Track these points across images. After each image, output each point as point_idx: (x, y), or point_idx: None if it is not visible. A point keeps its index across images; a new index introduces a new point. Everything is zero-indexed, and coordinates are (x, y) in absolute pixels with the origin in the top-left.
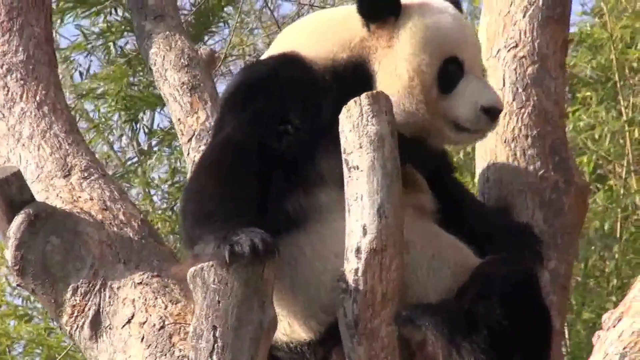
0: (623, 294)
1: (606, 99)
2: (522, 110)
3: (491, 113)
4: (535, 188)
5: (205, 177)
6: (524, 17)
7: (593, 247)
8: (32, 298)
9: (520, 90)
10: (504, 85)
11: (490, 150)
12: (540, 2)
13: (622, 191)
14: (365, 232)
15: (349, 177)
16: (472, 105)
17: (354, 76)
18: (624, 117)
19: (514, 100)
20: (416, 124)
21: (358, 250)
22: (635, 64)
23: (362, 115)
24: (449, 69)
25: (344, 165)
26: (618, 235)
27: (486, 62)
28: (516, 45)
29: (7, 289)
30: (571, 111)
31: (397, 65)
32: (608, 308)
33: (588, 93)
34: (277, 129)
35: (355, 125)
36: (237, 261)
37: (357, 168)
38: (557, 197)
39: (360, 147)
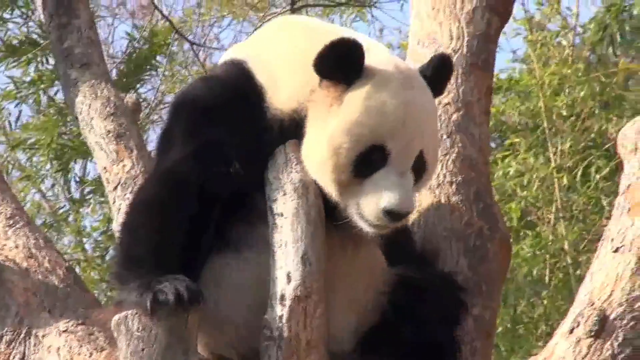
0: None
1: (535, 145)
2: (447, 156)
3: (392, 215)
4: (459, 234)
5: (140, 216)
6: None
7: (522, 293)
8: None
9: (444, 136)
10: None
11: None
12: (465, 49)
13: (550, 237)
14: (289, 279)
15: (274, 224)
16: (375, 202)
17: (295, 132)
18: (553, 164)
19: (438, 147)
20: (328, 194)
21: (282, 298)
22: (563, 111)
23: (287, 162)
24: (372, 157)
25: (269, 212)
26: (547, 282)
27: None
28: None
29: None
30: (500, 157)
31: (323, 135)
32: (537, 354)
33: (517, 139)
34: (221, 168)
35: (279, 172)
36: (160, 309)
37: (282, 215)
38: (482, 244)
39: (285, 194)
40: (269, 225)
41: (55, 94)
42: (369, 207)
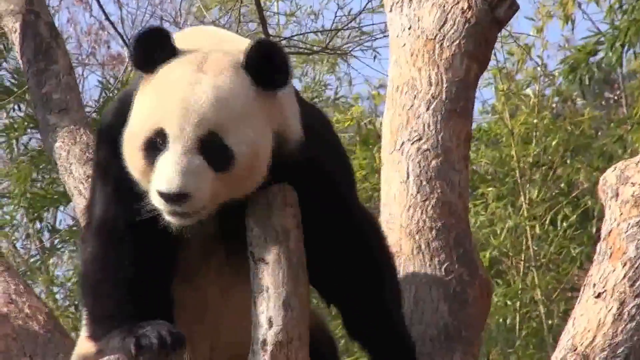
0: None
1: (507, 194)
2: (427, 202)
3: (165, 198)
4: (439, 280)
5: (92, 274)
6: (427, 110)
7: (494, 342)
8: None
9: (424, 183)
10: (408, 178)
11: (395, 242)
12: (444, 96)
13: (520, 286)
14: (271, 325)
15: (255, 269)
16: (153, 187)
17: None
18: (524, 213)
19: (418, 192)
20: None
21: (264, 343)
22: (530, 159)
23: (267, 208)
24: (156, 141)
25: (250, 258)
26: (519, 331)
27: (390, 156)
28: (420, 139)
29: None
30: (471, 206)
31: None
32: None
33: (488, 189)
34: (139, 204)
35: (260, 218)
36: (144, 353)
37: (263, 261)
38: (462, 290)
39: (266, 240)
40: (251, 271)
41: (29, 141)
42: (152, 192)
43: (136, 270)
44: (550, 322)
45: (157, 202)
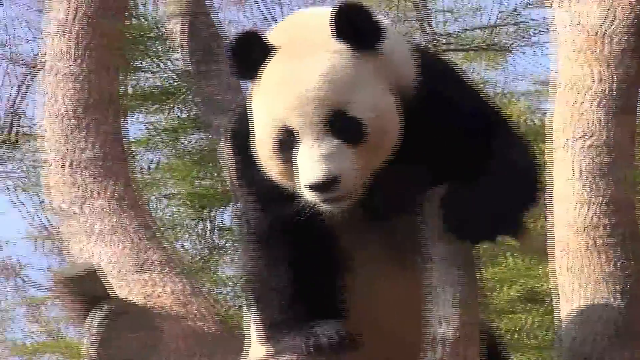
0: None
1: None
2: (594, 199)
3: (317, 189)
4: (609, 277)
5: (260, 281)
6: (591, 107)
7: None
8: None
9: (591, 180)
10: (573, 175)
11: (561, 239)
12: (608, 93)
13: None
14: (440, 324)
15: (425, 267)
16: (301, 183)
17: None
18: None
19: (584, 189)
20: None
21: (434, 342)
22: None
23: (432, 207)
24: (286, 139)
25: (421, 257)
26: None
27: (556, 153)
28: (585, 135)
29: None
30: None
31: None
32: None
33: None
34: (283, 207)
35: (426, 218)
36: (317, 354)
37: (434, 259)
38: (633, 286)
39: (435, 239)
40: (421, 271)
41: (197, 141)
42: (301, 189)
43: (299, 271)
44: None
45: (310, 195)
